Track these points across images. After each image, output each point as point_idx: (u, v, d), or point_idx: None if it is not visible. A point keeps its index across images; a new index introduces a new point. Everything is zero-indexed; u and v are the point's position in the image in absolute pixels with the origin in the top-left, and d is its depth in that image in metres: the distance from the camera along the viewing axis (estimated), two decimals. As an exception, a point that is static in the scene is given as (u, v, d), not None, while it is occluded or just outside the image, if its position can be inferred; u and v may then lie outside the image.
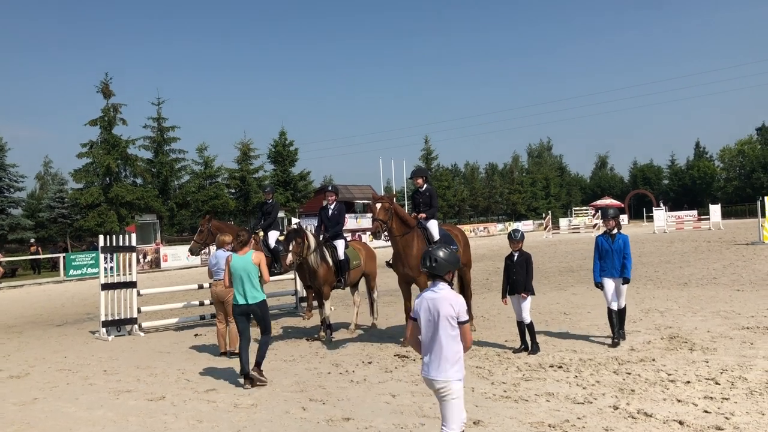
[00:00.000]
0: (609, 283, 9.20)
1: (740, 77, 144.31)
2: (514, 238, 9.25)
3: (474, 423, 6.02)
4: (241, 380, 8.13)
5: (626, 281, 9.20)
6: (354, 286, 12.14)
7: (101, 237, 12.51)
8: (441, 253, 4.61)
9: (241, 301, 8.20)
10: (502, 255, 9.62)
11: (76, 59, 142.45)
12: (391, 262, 10.42)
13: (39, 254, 32.36)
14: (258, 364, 8.10)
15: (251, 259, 8.25)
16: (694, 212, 56.80)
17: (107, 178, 40.26)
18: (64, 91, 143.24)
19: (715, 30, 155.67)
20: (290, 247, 10.52)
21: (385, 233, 9.91)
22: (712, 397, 6.43)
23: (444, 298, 4.50)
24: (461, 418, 4.51)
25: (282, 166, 53.07)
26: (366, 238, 43.67)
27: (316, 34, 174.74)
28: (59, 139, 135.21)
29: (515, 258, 9.19)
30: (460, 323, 4.50)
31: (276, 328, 12.66)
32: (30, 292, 25.37)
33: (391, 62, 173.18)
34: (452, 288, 4.68)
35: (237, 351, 8.70)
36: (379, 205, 9.69)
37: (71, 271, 29.81)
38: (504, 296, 9.30)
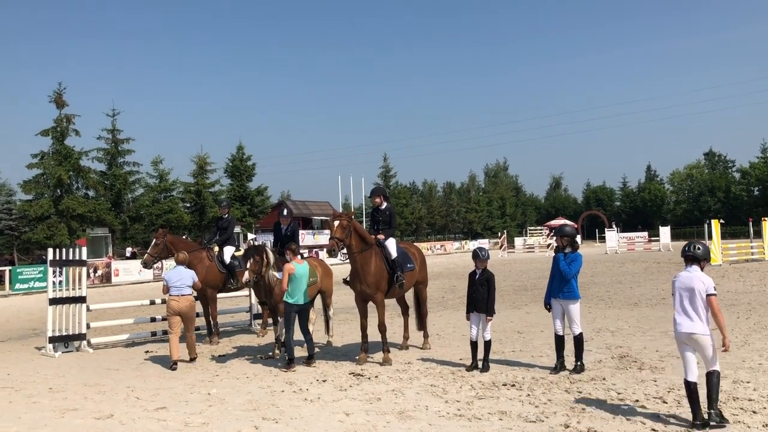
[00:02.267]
0: (556, 306, 8.89)
1: (691, 103, 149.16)
2: (481, 256, 9.29)
3: (427, 442, 6.02)
4: (197, 394, 7.99)
5: (568, 274, 8.62)
6: (310, 303, 12.07)
7: (50, 250, 12.19)
8: (701, 245, 6.48)
9: (302, 301, 9.93)
10: (459, 273, 9.74)
11: (28, 68, 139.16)
12: (348, 279, 10.40)
13: None
14: (311, 356, 10.04)
15: (308, 268, 10.16)
16: (645, 234, 58.30)
17: (58, 190, 39.32)
18: (13, 99, 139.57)
19: (666, 56, 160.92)
20: (248, 265, 10.46)
21: (343, 251, 9.91)
22: (659, 417, 6.57)
23: (696, 277, 6.25)
24: (716, 358, 6.22)
25: (239, 181, 52.67)
26: (323, 254, 43.48)
27: (275, 48, 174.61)
28: (7, 149, 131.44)
29: (477, 276, 9.25)
30: (708, 295, 6.13)
31: (229, 345, 12.50)
32: (-27, 306, 24.48)
33: (351, 79, 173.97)
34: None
35: (177, 361, 10.31)
36: (336, 223, 9.68)
37: (17, 285, 28.90)
38: (467, 312, 9.35)
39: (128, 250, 46.55)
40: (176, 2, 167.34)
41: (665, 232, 48.62)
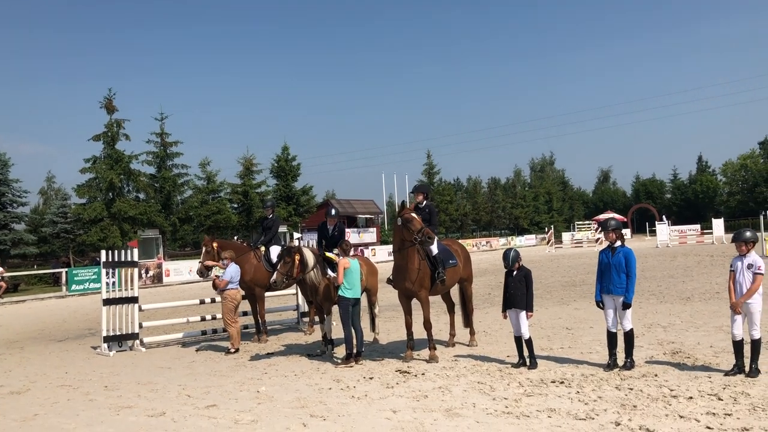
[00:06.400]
0: (608, 301, 8.67)
1: (743, 91, 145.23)
2: (507, 262, 9.30)
3: (475, 439, 5.99)
4: (247, 392, 8.12)
5: (626, 306, 8.42)
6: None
7: (103, 252, 12.52)
8: (748, 233, 8.05)
9: (350, 295, 10.09)
10: (504, 270, 9.59)
11: (80, 74, 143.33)
12: (391, 278, 10.41)
13: (2, 274, 31.22)
14: (359, 353, 10.16)
15: (359, 264, 10.48)
16: (697, 226, 56.80)
17: (110, 193, 40.32)
18: (67, 106, 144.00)
19: (718, 43, 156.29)
20: (279, 267, 10.59)
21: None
22: (714, 413, 6.40)
23: (752, 258, 7.93)
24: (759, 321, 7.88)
25: (284, 181, 53.14)
26: (368, 252, 43.64)
27: (320, 49, 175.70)
28: (62, 155, 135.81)
29: (514, 273, 9.19)
30: (755, 273, 7.80)
31: (278, 343, 12.66)
32: (32, 307, 25.34)
33: (395, 77, 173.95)
34: None
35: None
36: (415, 215, 9.89)
37: (73, 286, 29.79)
38: (504, 311, 9.31)
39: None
40: (218, 11, 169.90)
41: (718, 224, 47.26)
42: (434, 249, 10.21)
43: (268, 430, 6.67)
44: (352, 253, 10.62)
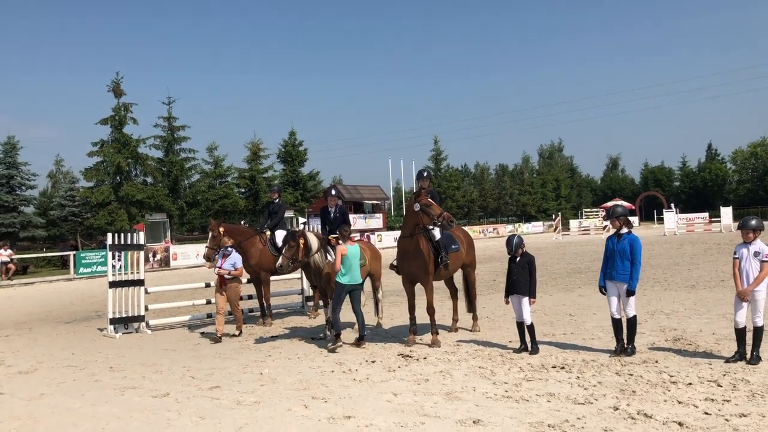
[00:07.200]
0: (611, 288, 8.66)
1: (753, 78, 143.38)
2: (510, 248, 9.29)
3: (474, 422, 6.05)
4: (250, 374, 8.20)
5: (630, 293, 8.43)
6: (361, 285, 12.17)
7: (109, 235, 12.61)
8: (754, 221, 7.98)
9: (355, 282, 10.26)
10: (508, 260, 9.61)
11: (88, 58, 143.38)
12: (395, 264, 10.47)
13: (11, 256, 30.85)
14: (362, 337, 10.25)
15: (359, 250, 10.45)
16: (705, 214, 56.53)
17: (118, 177, 40.48)
18: (75, 90, 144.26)
19: (727, 30, 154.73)
20: (284, 251, 10.66)
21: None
22: (713, 399, 6.43)
23: (759, 246, 7.89)
24: (763, 309, 7.89)
25: (291, 166, 53.17)
26: (374, 238, 43.71)
27: (327, 34, 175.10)
28: (71, 138, 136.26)
29: (517, 260, 9.22)
30: (762, 261, 7.77)
31: (282, 327, 12.75)
32: (40, 289, 25.57)
33: (402, 62, 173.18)
34: None
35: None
36: (433, 201, 9.84)
37: (81, 269, 30.02)
38: (506, 296, 9.35)
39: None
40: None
41: (726, 212, 47.00)
42: (436, 234, 10.25)
43: (270, 411, 6.75)
44: (357, 238, 10.67)
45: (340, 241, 10.30)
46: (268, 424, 6.34)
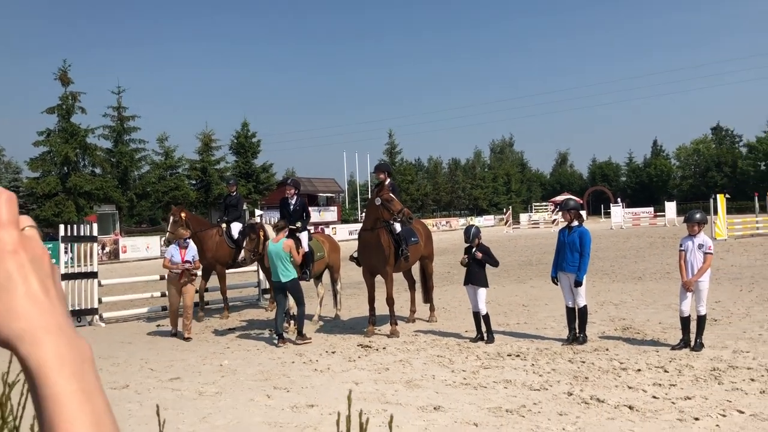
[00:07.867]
0: (563, 279, 9.00)
1: (697, 77, 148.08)
2: (468, 237, 9.60)
3: (435, 408, 6.22)
4: (210, 365, 8.20)
5: (577, 284, 8.74)
6: (318, 278, 12.25)
7: (62, 227, 12.37)
8: (699, 215, 8.44)
9: (276, 279, 9.81)
10: (464, 249, 9.83)
11: (31, 45, 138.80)
12: (355, 256, 10.58)
13: None
14: (299, 332, 9.83)
15: (282, 246, 9.77)
16: (651, 209, 58.25)
17: (65, 168, 39.53)
18: (17, 77, 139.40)
19: (673, 30, 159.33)
20: (244, 244, 10.65)
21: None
22: (660, 384, 6.75)
23: (702, 239, 8.30)
24: (706, 299, 8.36)
25: (244, 158, 52.71)
26: (329, 231, 43.67)
27: (280, 24, 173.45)
28: (12, 127, 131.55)
29: (473, 250, 9.45)
30: (706, 253, 8.16)
31: (239, 319, 12.73)
32: (-16, 282, 24.78)
33: (357, 56, 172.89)
34: None
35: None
36: (394, 197, 9.97)
37: (27, 262, 29.17)
38: (465, 284, 9.61)
39: None
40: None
41: (671, 207, 48.53)
42: (397, 227, 10.40)
43: (232, 401, 6.80)
44: (313, 231, 10.69)
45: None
46: (231, 413, 6.40)
